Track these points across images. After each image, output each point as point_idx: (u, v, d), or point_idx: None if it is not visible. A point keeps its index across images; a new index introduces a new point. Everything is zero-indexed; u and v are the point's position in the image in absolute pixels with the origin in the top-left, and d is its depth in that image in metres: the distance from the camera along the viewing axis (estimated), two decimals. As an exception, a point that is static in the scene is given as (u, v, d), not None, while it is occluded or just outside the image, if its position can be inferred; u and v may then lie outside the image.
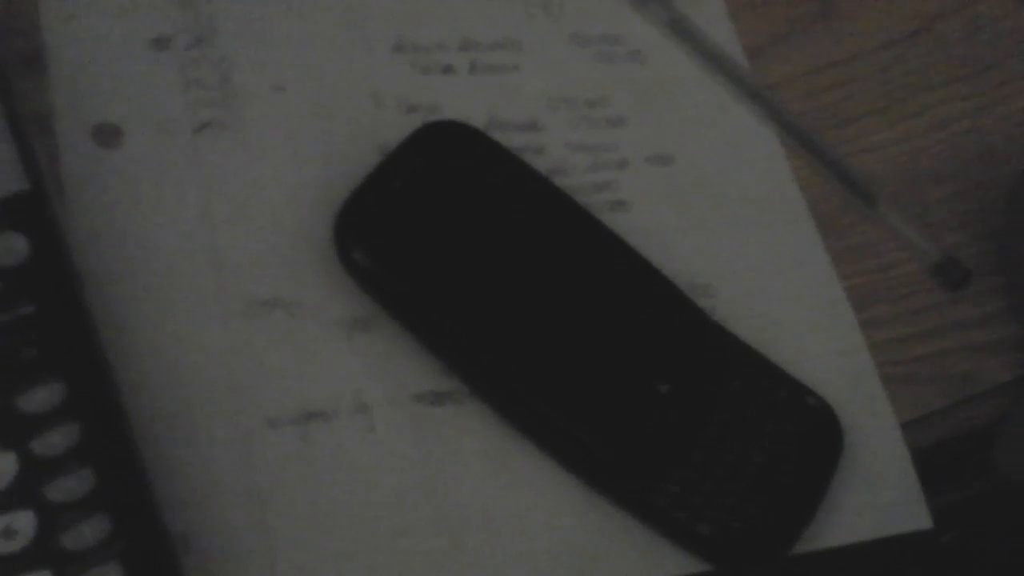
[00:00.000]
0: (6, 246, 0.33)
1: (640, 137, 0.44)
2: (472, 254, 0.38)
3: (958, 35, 0.48)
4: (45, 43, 0.40)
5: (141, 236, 0.38)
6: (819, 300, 0.42)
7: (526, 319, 0.38)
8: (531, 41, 0.45)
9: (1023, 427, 0.40)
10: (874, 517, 0.38)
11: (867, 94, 0.47)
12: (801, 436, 0.38)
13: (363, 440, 0.37)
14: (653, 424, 0.37)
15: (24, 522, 0.30)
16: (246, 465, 0.35)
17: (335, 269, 0.38)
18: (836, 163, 0.44)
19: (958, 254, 0.43)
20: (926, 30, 0.48)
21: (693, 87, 0.45)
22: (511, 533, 0.36)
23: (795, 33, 0.47)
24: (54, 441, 0.31)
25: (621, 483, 0.36)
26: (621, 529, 0.37)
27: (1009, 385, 0.42)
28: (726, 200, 0.43)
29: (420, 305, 0.37)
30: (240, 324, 0.37)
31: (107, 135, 0.39)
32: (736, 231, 0.43)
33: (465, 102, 0.43)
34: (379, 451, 0.37)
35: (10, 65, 0.38)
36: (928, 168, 0.45)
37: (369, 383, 0.38)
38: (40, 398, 0.32)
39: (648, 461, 0.36)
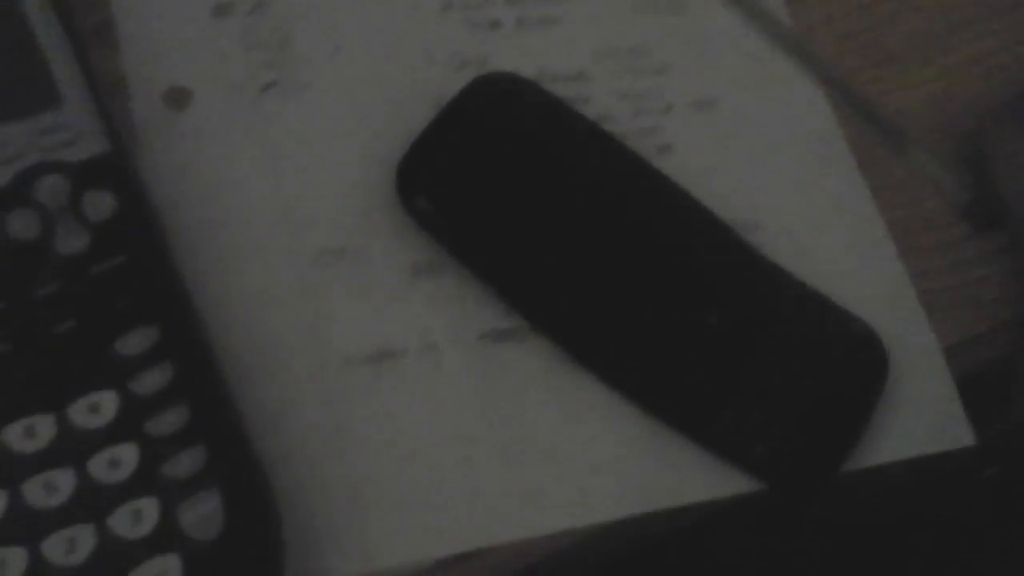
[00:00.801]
0: (95, 203, 0.35)
1: (683, 83, 0.45)
2: (528, 197, 0.40)
3: (989, -27, 0.49)
4: (115, 14, 0.42)
5: (215, 191, 0.40)
6: (860, 232, 0.43)
7: (584, 257, 0.39)
8: (574, -6, 0.47)
9: None
10: (919, 436, 0.40)
11: (903, 34, 0.48)
12: (847, 360, 0.39)
13: (432, 376, 0.39)
14: (708, 353, 0.39)
15: (128, 454, 0.32)
16: (325, 400, 0.38)
17: (399, 217, 0.40)
18: (869, 106, 0.46)
19: (993, 188, 0.44)
20: (959, -31, 0.50)
21: (733, 32, 0.47)
22: (575, 460, 0.38)
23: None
24: (150, 380, 0.33)
25: (678, 410, 0.38)
26: (680, 453, 0.38)
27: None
28: (769, 140, 0.45)
29: (481, 247, 0.39)
30: (313, 271, 0.39)
31: (177, 98, 0.42)
32: (779, 169, 0.44)
33: (513, 55, 0.44)
34: (447, 386, 0.39)
35: (85, 36, 0.40)
36: (964, 103, 0.46)
37: (435, 323, 0.39)
38: (135, 341, 0.34)
39: (704, 388, 0.38)
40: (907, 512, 0.57)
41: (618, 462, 0.38)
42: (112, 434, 0.32)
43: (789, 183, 0.44)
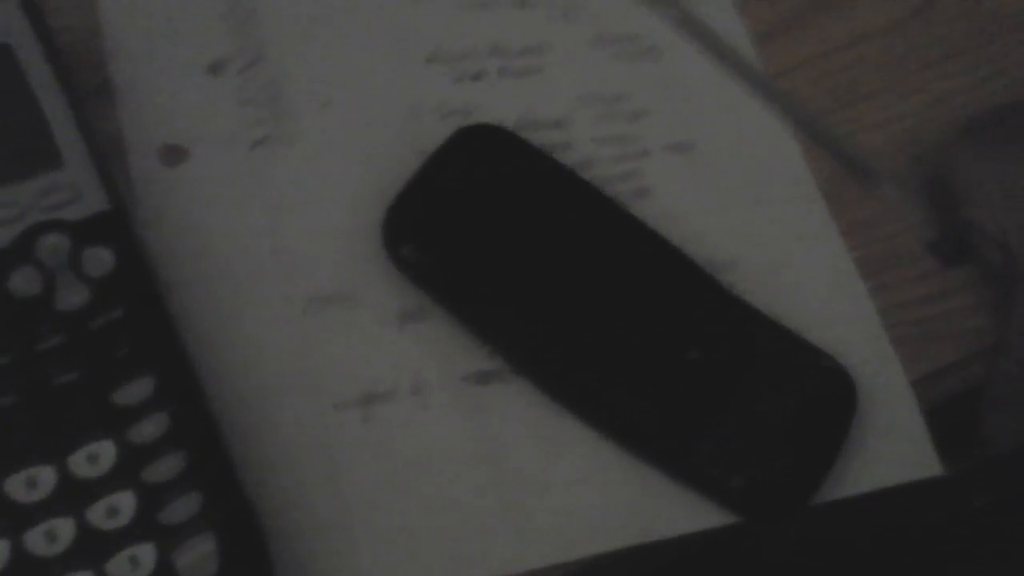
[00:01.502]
0: (95, 259, 0.37)
1: (660, 128, 0.47)
2: (510, 244, 0.42)
3: (955, 13, 0.51)
4: (111, 74, 0.44)
5: (210, 244, 0.42)
6: (830, 270, 0.45)
7: (563, 301, 0.41)
8: (554, 45, 0.48)
9: (1002, 392, 0.43)
10: (888, 467, 0.41)
11: (872, 74, 0.49)
12: (818, 395, 0.41)
13: (420, 418, 0.40)
14: (683, 391, 0.40)
15: (125, 502, 0.34)
16: (317, 444, 0.39)
17: (385, 265, 0.42)
18: (839, 145, 0.47)
19: (961, 225, 0.46)
20: (926, 9, 0.51)
21: (707, 78, 0.48)
22: (558, 497, 0.40)
23: (803, 19, 0.50)
24: (147, 429, 0.35)
25: (657, 445, 0.40)
26: (659, 487, 0.40)
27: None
28: (742, 182, 0.46)
29: (465, 293, 0.41)
30: (303, 318, 0.41)
31: (173, 155, 0.43)
32: (752, 210, 0.45)
33: (496, 105, 0.46)
34: (435, 427, 0.40)
35: (84, 97, 0.42)
36: (932, 142, 0.48)
37: (422, 367, 0.41)
38: (133, 392, 0.35)
39: (681, 424, 0.40)
40: (899, 544, 0.58)
41: (599, 498, 0.40)
42: (110, 483, 0.34)
43: (762, 223, 0.45)
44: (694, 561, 0.42)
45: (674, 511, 0.40)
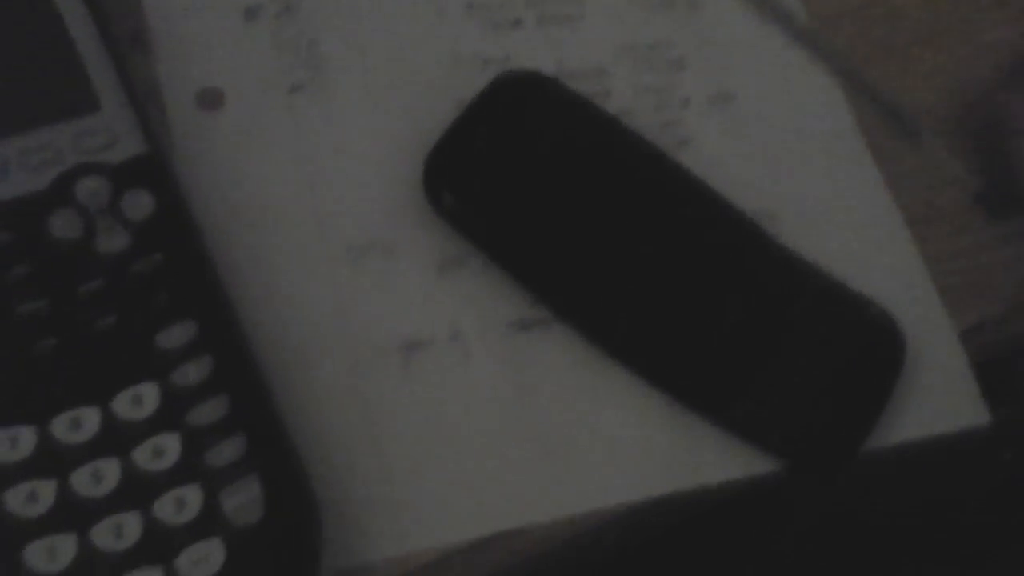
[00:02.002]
0: (135, 202, 0.37)
1: (701, 77, 0.46)
2: (552, 190, 0.41)
3: (1000, -37, 0.50)
4: (148, 21, 0.44)
5: (247, 189, 0.42)
6: (875, 220, 0.44)
7: (607, 248, 0.41)
8: (593, -8, 0.48)
9: None
10: (936, 416, 0.41)
11: (914, 26, 0.49)
12: (865, 344, 0.40)
13: (460, 365, 0.40)
14: (729, 338, 0.40)
15: (170, 443, 0.33)
16: (356, 392, 0.39)
17: (425, 212, 0.41)
18: (881, 96, 0.46)
19: (1008, 175, 0.45)
20: (968, -39, 0.50)
21: (749, 27, 0.48)
22: (600, 444, 0.39)
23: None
24: (190, 372, 0.34)
25: (702, 392, 0.39)
26: (703, 436, 0.39)
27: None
28: (785, 131, 0.46)
29: (506, 239, 0.41)
30: (343, 266, 0.41)
31: (210, 99, 0.43)
32: (796, 160, 0.45)
33: (535, 53, 0.46)
34: (475, 374, 0.40)
35: (121, 41, 0.41)
36: (978, 91, 0.47)
37: (463, 314, 0.41)
38: (175, 335, 0.35)
39: (726, 371, 0.39)
40: (926, 497, 0.58)
41: (642, 445, 0.39)
42: (155, 424, 0.34)
43: (805, 173, 0.45)
44: (726, 514, 0.41)
45: (718, 458, 0.39)
